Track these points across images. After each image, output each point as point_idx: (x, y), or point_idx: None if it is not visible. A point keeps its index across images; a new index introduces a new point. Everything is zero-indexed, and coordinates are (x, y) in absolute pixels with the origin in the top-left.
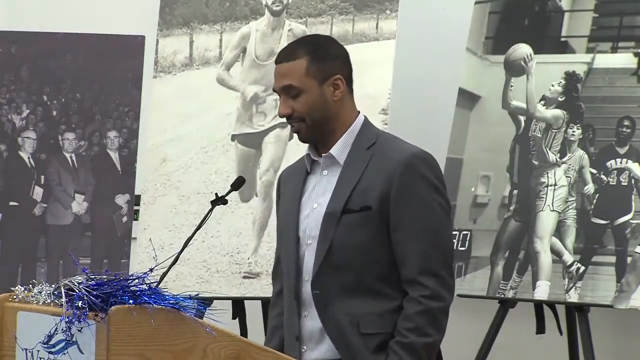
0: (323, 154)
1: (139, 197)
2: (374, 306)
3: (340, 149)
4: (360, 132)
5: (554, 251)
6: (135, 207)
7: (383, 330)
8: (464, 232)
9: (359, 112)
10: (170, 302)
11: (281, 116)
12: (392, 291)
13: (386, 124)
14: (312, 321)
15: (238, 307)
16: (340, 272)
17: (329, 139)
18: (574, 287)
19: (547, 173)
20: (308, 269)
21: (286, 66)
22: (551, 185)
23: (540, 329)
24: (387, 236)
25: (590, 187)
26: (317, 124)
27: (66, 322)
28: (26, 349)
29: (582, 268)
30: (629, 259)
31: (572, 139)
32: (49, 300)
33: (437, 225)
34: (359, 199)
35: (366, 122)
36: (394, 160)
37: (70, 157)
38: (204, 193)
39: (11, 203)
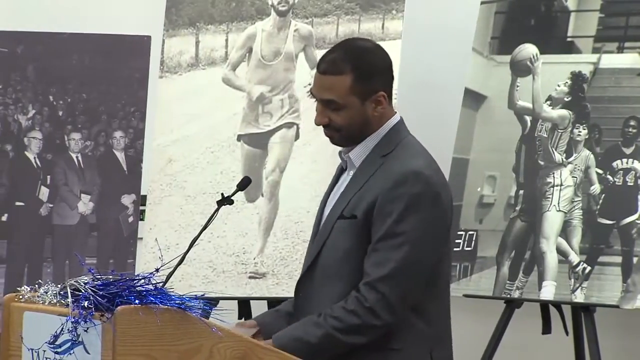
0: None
1: (145, 197)
2: None
3: (358, 153)
4: (385, 137)
5: (560, 251)
6: (141, 207)
7: None
8: (470, 233)
9: (395, 113)
10: (177, 302)
11: (317, 124)
12: None
13: None
14: None
15: (244, 307)
16: (326, 277)
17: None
18: (580, 287)
19: (553, 173)
20: None
21: (330, 80)
22: (557, 186)
23: (546, 329)
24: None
25: (596, 187)
26: (352, 136)
27: (72, 322)
28: (32, 349)
29: (588, 268)
30: (635, 259)
31: (578, 139)
32: (55, 301)
33: (405, 244)
34: (353, 206)
35: (396, 126)
36: (393, 173)
37: (77, 157)
38: (209, 193)
39: (17, 203)
